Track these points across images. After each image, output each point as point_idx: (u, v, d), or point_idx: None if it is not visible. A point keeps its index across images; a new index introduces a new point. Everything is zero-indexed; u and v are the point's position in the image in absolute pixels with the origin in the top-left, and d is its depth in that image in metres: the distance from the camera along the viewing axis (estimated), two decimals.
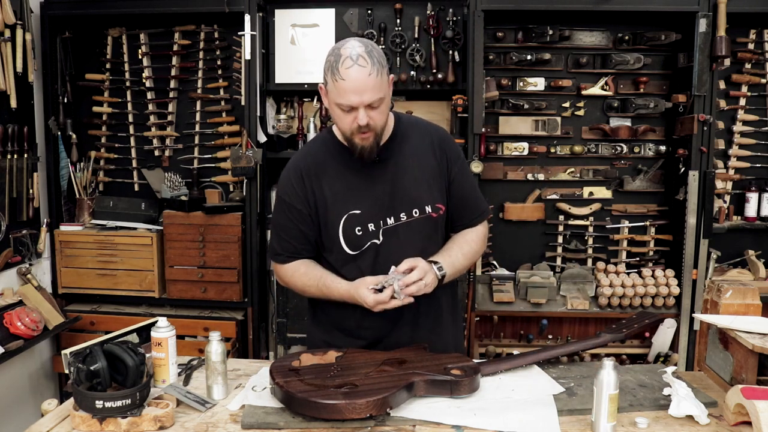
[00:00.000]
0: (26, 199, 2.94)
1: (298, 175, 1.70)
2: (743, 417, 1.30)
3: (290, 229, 1.73)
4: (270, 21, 3.23)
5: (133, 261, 3.10)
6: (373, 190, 1.66)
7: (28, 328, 2.70)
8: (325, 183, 1.68)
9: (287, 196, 1.71)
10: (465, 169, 1.77)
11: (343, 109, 1.55)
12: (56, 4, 3.06)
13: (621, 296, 2.96)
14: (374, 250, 1.67)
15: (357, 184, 1.67)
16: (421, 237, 1.69)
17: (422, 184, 1.69)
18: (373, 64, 1.51)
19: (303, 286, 1.74)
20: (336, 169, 1.68)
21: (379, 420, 1.33)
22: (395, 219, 1.67)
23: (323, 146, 1.73)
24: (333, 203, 1.67)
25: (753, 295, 1.58)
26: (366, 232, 1.66)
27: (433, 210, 1.69)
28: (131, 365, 1.35)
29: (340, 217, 1.66)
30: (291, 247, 1.74)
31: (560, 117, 3.19)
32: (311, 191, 1.68)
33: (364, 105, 1.52)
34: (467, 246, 1.75)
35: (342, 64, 1.51)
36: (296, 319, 2.98)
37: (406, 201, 1.67)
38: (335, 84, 1.52)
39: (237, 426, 1.35)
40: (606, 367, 1.26)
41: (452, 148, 1.75)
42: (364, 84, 1.50)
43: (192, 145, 3.34)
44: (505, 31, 3.12)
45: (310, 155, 1.73)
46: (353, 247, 1.67)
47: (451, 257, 1.69)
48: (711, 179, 2.90)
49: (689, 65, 2.90)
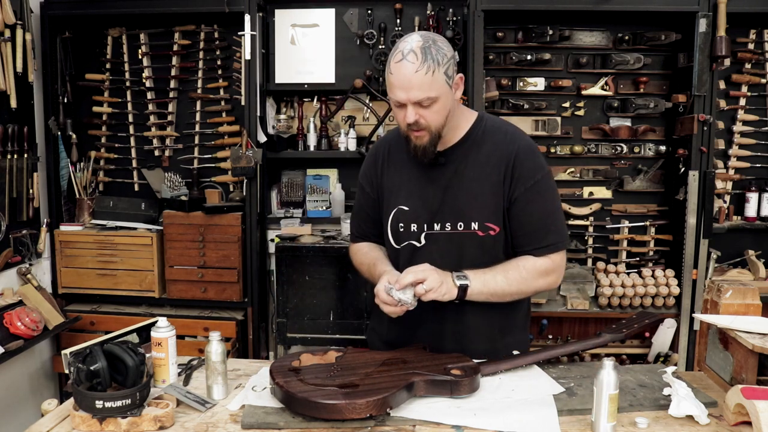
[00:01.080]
0: (26, 199, 2.94)
1: (372, 159, 1.74)
2: (743, 417, 1.29)
3: (361, 211, 1.80)
4: (270, 21, 3.23)
5: (133, 261, 3.10)
6: (426, 190, 1.63)
7: (28, 328, 2.70)
8: (389, 172, 1.70)
9: (362, 178, 1.77)
10: (538, 192, 1.57)
11: (394, 104, 1.53)
12: (56, 4, 3.06)
13: (621, 296, 2.96)
14: (411, 251, 1.65)
15: (413, 180, 1.65)
16: (461, 252, 1.61)
17: (476, 198, 1.59)
18: (424, 60, 1.44)
19: (358, 266, 1.78)
20: (402, 160, 1.68)
21: (379, 420, 1.33)
22: (440, 227, 1.62)
23: (398, 135, 1.69)
24: (389, 194, 1.68)
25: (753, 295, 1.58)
26: (408, 231, 1.65)
27: (481, 228, 1.59)
28: (131, 365, 1.35)
29: (392, 209, 1.67)
30: (360, 229, 1.81)
31: (560, 117, 3.19)
32: (378, 176, 1.71)
33: (411, 102, 1.48)
34: (515, 271, 1.58)
35: (394, 57, 1.49)
36: (296, 319, 2.98)
37: (453, 212, 1.61)
38: (389, 77, 1.51)
39: (237, 426, 1.35)
40: (606, 367, 1.26)
41: (525, 166, 1.57)
42: (410, 81, 1.45)
43: (192, 145, 3.34)
44: (505, 31, 3.12)
45: (386, 141, 1.75)
46: (397, 240, 1.68)
47: (485, 274, 1.55)
48: (711, 179, 2.90)
49: (689, 65, 2.90)
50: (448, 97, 1.51)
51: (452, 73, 1.50)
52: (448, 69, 1.48)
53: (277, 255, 2.98)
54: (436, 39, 1.49)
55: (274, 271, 3.10)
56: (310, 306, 2.96)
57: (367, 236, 1.80)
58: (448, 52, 1.49)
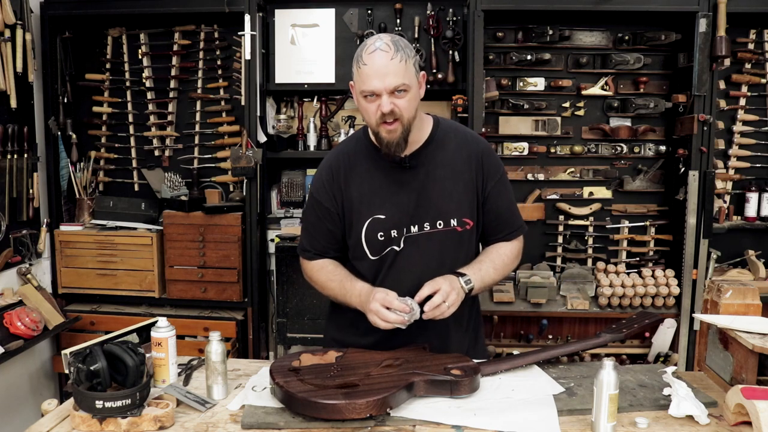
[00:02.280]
0: (26, 199, 2.94)
1: (329, 173, 1.69)
2: (743, 417, 1.30)
3: (318, 227, 1.72)
4: (270, 21, 3.23)
5: (133, 261, 3.10)
6: (399, 195, 1.64)
7: (28, 328, 2.70)
8: (353, 183, 1.66)
9: (317, 193, 1.70)
10: (503, 185, 1.72)
11: (367, 97, 1.53)
12: (56, 4, 3.06)
13: (621, 296, 2.95)
14: (393, 257, 1.66)
15: (384, 187, 1.65)
16: (442, 249, 1.66)
17: (451, 196, 1.65)
18: (397, 50, 1.51)
19: (325, 283, 1.72)
20: (366, 169, 1.66)
21: (379, 420, 1.33)
22: (418, 228, 1.64)
23: (357, 145, 1.70)
24: (359, 205, 1.65)
25: (753, 295, 1.58)
26: (388, 238, 1.65)
27: (459, 224, 1.66)
28: (131, 365, 1.35)
29: (365, 220, 1.64)
30: (318, 245, 1.74)
31: (560, 117, 3.19)
32: (340, 190, 1.67)
33: (388, 91, 1.50)
34: (499, 259, 1.71)
35: (366, 50, 1.52)
36: (296, 319, 2.98)
37: (431, 211, 1.64)
38: (359, 71, 1.53)
39: (237, 426, 1.35)
40: (606, 367, 1.26)
41: (492, 162, 1.70)
42: (386, 67, 1.49)
43: (192, 145, 3.34)
44: (505, 31, 3.12)
45: (343, 153, 1.71)
46: (374, 251, 1.66)
47: (481, 270, 1.66)
48: (711, 179, 2.90)
49: (689, 65, 2.90)
50: (417, 90, 1.58)
51: (418, 69, 1.58)
52: (416, 63, 1.56)
53: (277, 255, 2.98)
54: (400, 37, 1.58)
55: (274, 271, 3.10)
56: (310, 306, 2.96)
57: (325, 252, 1.74)
58: (413, 50, 1.57)
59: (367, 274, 1.69)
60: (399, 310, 1.52)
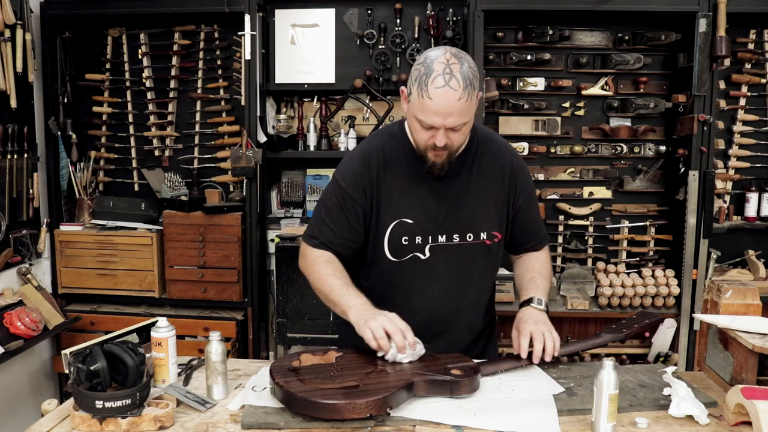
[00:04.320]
0: (26, 199, 2.94)
1: (364, 165, 1.60)
2: (743, 417, 1.29)
3: (338, 218, 1.62)
4: (270, 21, 3.23)
5: (133, 261, 3.10)
6: (430, 202, 1.60)
7: (28, 328, 2.70)
8: (387, 183, 1.60)
9: (345, 182, 1.61)
10: (532, 198, 1.73)
11: (422, 125, 1.47)
12: (56, 4, 3.06)
13: (621, 296, 2.95)
14: (416, 264, 1.62)
15: (415, 192, 1.60)
16: (470, 262, 1.65)
17: (483, 208, 1.63)
18: (465, 87, 1.41)
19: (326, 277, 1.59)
20: (399, 170, 1.60)
21: (379, 420, 1.33)
22: (447, 238, 1.61)
23: (391, 141, 1.63)
24: (387, 205, 1.60)
25: (753, 295, 1.58)
26: (412, 244, 1.61)
27: (488, 237, 1.64)
28: (131, 365, 1.35)
29: (390, 222, 1.60)
30: (330, 235, 1.62)
31: (560, 117, 3.19)
32: (372, 185, 1.60)
33: (446, 128, 1.45)
34: (544, 269, 1.76)
35: (432, 82, 1.41)
36: (296, 319, 2.98)
37: (462, 223, 1.61)
38: (420, 100, 1.43)
39: (237, 426, 1.35)
40: (606, 367, 1.26)
41: (524, 177, 1.70)
42: (451, 108, 1.42)
43: (192, 145, 3.34)
44: (505, 31, 3.12)
45: (378, 148, 1.63)
46: (395, 254, 1.62)
47: (539, 286, 1.69)
48: (711, 179, 2.90)
49: (689, 65, 2.90)
50: (472, 119, 1.52)
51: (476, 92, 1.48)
52: (477, 88, 1.46)
53: (277, 255, 2.98)
54: (467, 57, 1.46)
55: (274, 271, 3.10)
56: (310, 306, 2.96)
57: (333, 246, 1.63)
58: (476, 70, 1.46)
59: (380, 278, 1.64)
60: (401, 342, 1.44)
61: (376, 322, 1.45)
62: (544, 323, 1.60)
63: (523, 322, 1.61)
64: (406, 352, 1.45)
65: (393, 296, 1.65)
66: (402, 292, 1.66)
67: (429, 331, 1.64)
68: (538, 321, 1.60)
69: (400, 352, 1.44)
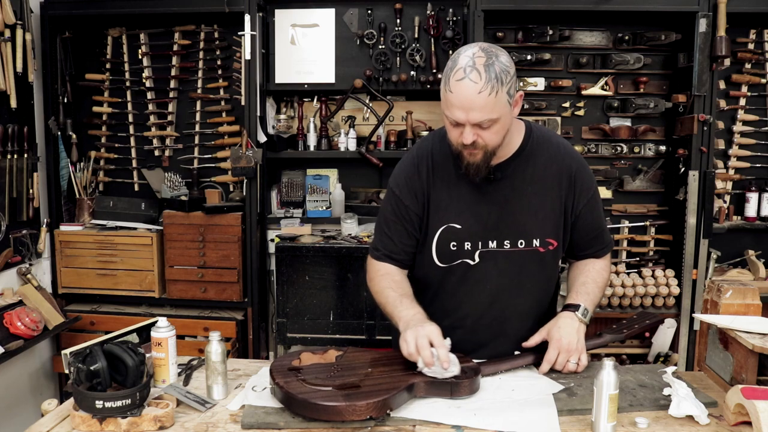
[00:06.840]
0: (26, 199, 2.94)
1: (413, 170, 1.58)
2: (743, 417, 1.29)
3: (394, 226, 1.61)
4: (270, 21, 3.23)
5: (133, 261, 3.10)
6: (480, 207, 1.55)
7: (28, 328, 2.70)
8: (437, 186, 1.57)
9: (398, 189, 1.60)
10: (595, 201, 1.63)
11: (450, 121, 1.43)
12: (56, 4, 3.06)
13: (621, 296, 2.95)
14: (465, 270, 1.59)
15: (464, 196, 1.55)
16: (521, 270, 1.60)
17: (536, 214, 1.56)
18: (488, 80, 1.35)
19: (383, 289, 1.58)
20: (448, 173, 1.56)
21: (380, 420, 1.33)
22: (497, 244, 1.57)
23: (441, 144, 1.58)
24: (436, 209, 1.56)
25: (753, 295, 1.58)
26: (461, 250, 1.57)
27: (542, 245, 1.58)
28: (131, 365, 1.35)
29: (439, 226, 1.56)
30: (390, 245, 1.62)
31: (560, 117, 3.19)
32: (424, 188, 1.57)
33: (471, 123, 1.39)
34: (600, 277, 1.67)
35: (454, 74, 1.37)
36: (296, 319, 2.98)
37: (513, 229, 1.56)
38: (445, 95, 1.41)
39: (237, 426, 1.35)
40: (606, 367, 1.26)
41: (585, 179, 1.60)
42: (471, 102, 1.36)
43: (192, 145, 3.34)
44: (505, 31, 3.12)
45: (428, 151, 1.59)
46: (443, 259, 1.59)
47: (589, 294, 1.61)
48: (711, 179, 2.90)
49: (689, 65, 2.90)
50: (508, 117, 1.44)
51: (513, 92, 1.42)
52: (510, 88, 1.40)
53: (277, 255, 2.98)
54: (499, 54, 1.39)
55: (274, 271, 3.10)
56: (310, 306, 2.96)
57: (395, 255, 1.62)
58: (511, 68, 1.40)
59: (433, 282, 1.62)
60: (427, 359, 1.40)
61: (411, 336, 1.42)
62: (579, 341, 1.54)
63: (559, 331, 1.54)
64: (432, 368, 1.42)
65: (441, 302, 1.64)
66: (450, 298, 1.64)
67: (476, 338, 1.62)
68: (572, 339, 1.53)
69: (426, 366, 1.41)
